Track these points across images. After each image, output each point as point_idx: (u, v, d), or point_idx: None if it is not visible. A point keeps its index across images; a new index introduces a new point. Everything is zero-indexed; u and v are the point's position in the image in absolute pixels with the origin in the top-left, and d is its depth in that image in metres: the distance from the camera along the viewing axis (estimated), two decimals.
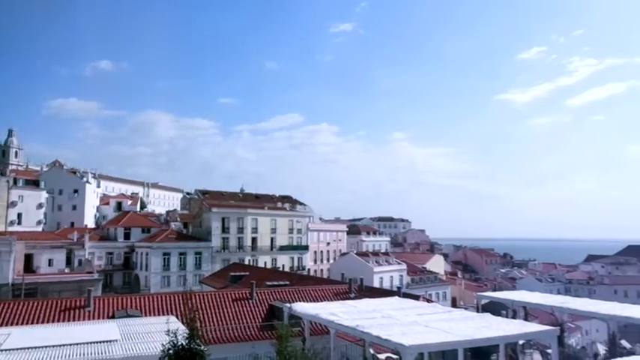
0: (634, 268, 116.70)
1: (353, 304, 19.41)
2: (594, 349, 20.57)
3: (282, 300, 27.50)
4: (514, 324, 15.30)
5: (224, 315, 27.12)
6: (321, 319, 16.61)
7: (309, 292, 31.26)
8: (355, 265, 69.28)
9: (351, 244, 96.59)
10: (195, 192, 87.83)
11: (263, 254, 76.54)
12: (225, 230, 73.89)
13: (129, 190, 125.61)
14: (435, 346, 12.55)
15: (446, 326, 14.10)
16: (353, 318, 15.60)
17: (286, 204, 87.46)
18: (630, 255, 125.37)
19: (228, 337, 25.15)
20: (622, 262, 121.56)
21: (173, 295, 27.28)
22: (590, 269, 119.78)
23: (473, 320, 15.45)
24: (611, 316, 17.68)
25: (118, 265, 71.19)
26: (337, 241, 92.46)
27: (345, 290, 32.69)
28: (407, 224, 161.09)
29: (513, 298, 22.60)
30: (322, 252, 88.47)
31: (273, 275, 45.81)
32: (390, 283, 69.74)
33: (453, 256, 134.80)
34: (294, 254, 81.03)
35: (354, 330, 14.30)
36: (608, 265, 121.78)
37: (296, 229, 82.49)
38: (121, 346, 13.64)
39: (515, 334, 13.94)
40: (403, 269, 75.99)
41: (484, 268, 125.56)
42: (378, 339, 13.10)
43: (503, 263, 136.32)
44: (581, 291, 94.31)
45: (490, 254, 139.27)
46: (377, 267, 72.40)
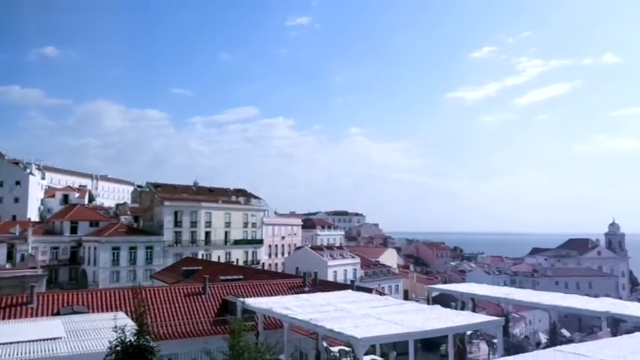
0: (574, 260, 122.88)
1: (307, 297, 19.48)
2: (537, 337, 21.53)
3: (235, 294, 27.27)
4: (462, 315, 15.79)
5: (176, 310, 26.63)
6: (274, 313, 16.59)
7: (263, 286, 31.14)
8: (310, 259, 69.52)
9: (305, 238, 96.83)
10: (147, 185, 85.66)
11: (217, 248, 75.59)
12: (178, 224, 72.48)
13: (76, 182, 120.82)
14: (387, 337, 12.79)
15: (397, 318, 14.37)
16: (306, 312, 15.66)
17: (241, 198, 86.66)
18: (571, 248, 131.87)
19: (179, 333, 24.73)
20: (563, 255, 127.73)
21: (122, 290, 26.53)
22: (535, 262, 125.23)
23: (423, 312, 15.83)
24: (552, 307, 18.54)
25: (64, 260, 68.49)
26: (292, 235, 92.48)
27: (299, 284, 32.76)
28: (361, 218, 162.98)
29: (462, 291, 23.30)
30: (277, 246, 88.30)
31: (227, 269, 45.29)
32: (344, 277, 70.42)
33: (406, 250, 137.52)
34: (249, 248, 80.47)
35: (308, 323, 14.36)
36: (550, 258, 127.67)
37: (250, 223, 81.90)
38: (65, 344, 13.14)
39: (463, 324, 14.37)
40: (357, 263, 76.88)
41: (435, 262, 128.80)
42: (331, 332, 13.21)
43: (454, 256, 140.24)
44: (526, 283, 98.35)
45: (441, 248, 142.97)
46: (331, 261, 72.92)
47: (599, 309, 16.67)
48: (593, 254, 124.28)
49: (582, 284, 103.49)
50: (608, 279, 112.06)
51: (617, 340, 11.01)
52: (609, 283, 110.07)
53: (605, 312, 16.10)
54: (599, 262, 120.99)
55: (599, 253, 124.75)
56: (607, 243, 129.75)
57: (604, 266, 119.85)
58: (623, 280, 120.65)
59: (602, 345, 10.26)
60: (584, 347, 10.03)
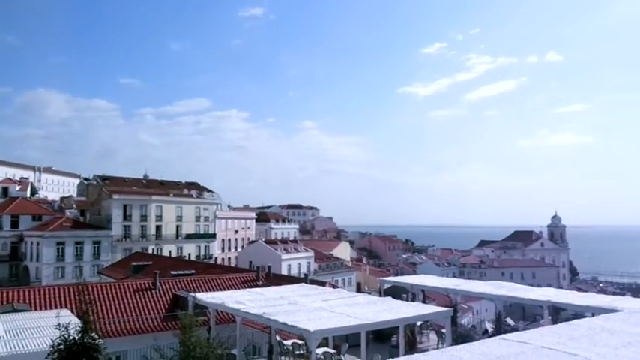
0: (519, 252, 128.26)
1: (260, 291, 19.36)
2: (483, 326, 22.28)
3: (187, 289, 26.81)
4: (413, 306, 16.13)
5: (125, 306, 25.93)
6: (227, 308, 16.39)
7: (215, 280, 30.78)
8: (263, 253, 69.23)
9: (259, 231, 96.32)
10: (94, 177, 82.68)
11: (168, 243, 74.07)
12: (127, 218, 70.44)
13: (17, 174, 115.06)
14: (339, 330, 12.88)
15: (350, 310, 14.51)
16: (259, 305, 15.56)
17: (193, 191, 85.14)
18: (516, 240, 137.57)
19: (128, 329, 24.10)
20: (509, 247, 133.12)
21: (67, 286, 25.57)
22: (482, 253, 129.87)
23: (375, 304, 16.05)
24: (497, 297, 19.23)
25: (4, 255, 65.33)
26: (246, 229, 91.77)
27: (252, 278, 32.59)
28: (315, 212, 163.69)
29: (413, 282, 23.77)
30: (230, 240, 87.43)
31: (179, 264, 44.52)
32: (298, 270, 70.59)
33: (359, 243, 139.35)
34: (201, 242, 79.29)
35: (261, 317, 14.27)
36: (497, 250, 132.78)
37: (203, 217, 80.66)
38: (4, 343, 12.49)
39: (413, 315, 14.68)
40: (311, 256, 77.21)
41: (387, 254, 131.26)
42: (284, 325, 13.19)
43: (405, 249, 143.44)
44: (474, 274, 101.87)
45: (393, 240, 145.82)
46: (285, 254, 72.90)
47: (540, 298, 17.43)
48: (536, 246, 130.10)
49: (526, 274, 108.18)
50: (550, 269, 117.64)
51: (557, 327, 11.51)
52: (551, 273, 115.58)
53: (547, 301, 16.85)
54: (542, 253, 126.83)
55: (542, 245, 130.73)
56: (549, 235, 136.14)
57: (546, 257, 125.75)
58: (564, 270, 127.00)
59: (543, 332, 10.69)
60: (526, 335, 10.42)
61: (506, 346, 9.34)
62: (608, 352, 8.86)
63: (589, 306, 15.79)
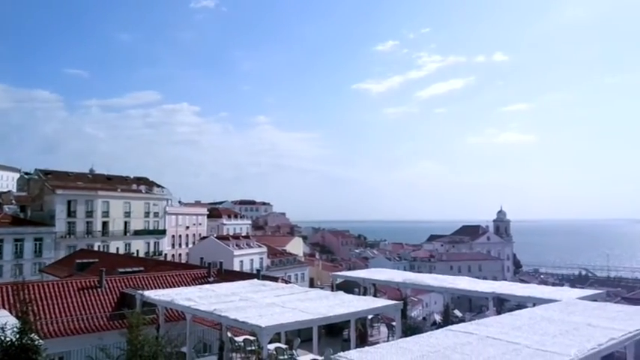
0: (466, 245, 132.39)
1: (211, 288, 19.07)
2: (432, 318, 22.87)
3: (135, 287, 26.10)
4: (364, 300, 16.34)
5: (68, 306, 24.93)
6: (176, 305, 16.04)
7: (165, 277, 30.10)
8: (215, 249, 68.25)
9: (211, 227, 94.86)
10: (36, 172, 78.88)
11: (115, 239, 71.76)
12: (72, 214, 67.70)
13: None
14: (291, 325, 12.87)
15: (302, 306, 14.52)
16: (210, 302, 15.32)
17: (142, 186, 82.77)
18: (464, 234, 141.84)
19: (72, 329, 23.19)
20: (457, 241, 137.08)
21: (4, 286, 24.25)
22: (432, 248, 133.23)
23: (327, 299, 16.14)
24: (445, 289, 19.79)
25: None
26: (197, 225, 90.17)
27: (203, 275, 32.10)
28: (268, 207, 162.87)
29: (364, 277, 24.08)
30: (181, 236, 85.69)
31: (126, 261, 43.22)
32: (251, 266, 70.08)
33: (312, 238, 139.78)
34: (150, 239, 77.30)
35: (211, 314, 14.06)
36: (446, 244, 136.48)
37: (152, 213, 78.63)
38: None
39: (364, 309, 14.86)
40: (264, 252, 76.83)
41: (340, 249, 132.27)
42: (236, 322, 13.05)
43: (358, 244, 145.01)
44: (424, 267, 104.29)
45: (346, 236, 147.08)
46: (237, 250, 72.18)
47: (486, 290, 18.07)
48: (483, 240, 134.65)
49: (473, 267, 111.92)
50: (495, 262, 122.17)
51: (501, 317, 11.97)
52: (496, 265, 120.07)
53: (491, 292, 17.48)
54: (488, 247, 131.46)
55: (488, 239, 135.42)
56: (495, 229, 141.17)
57: (492, 250, 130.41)
58: (508, 263, 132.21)
59: (488, 323, 11.09)
60: (472, 326, 10.77)
61: (453, 337, 9.63)
62: (547, 339, 9.30)
63: (530, 297, 16.50)
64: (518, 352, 8.52)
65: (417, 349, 8.76)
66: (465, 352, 8.50)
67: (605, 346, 9.19)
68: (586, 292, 18.33)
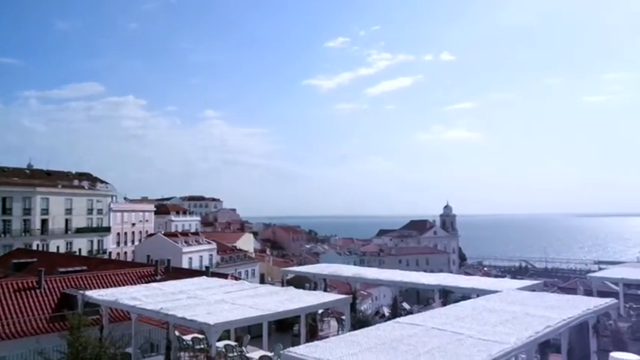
0: (415, 240, 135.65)
1: (158, 286, 18.58)
2: (381, 311, 23.26)
3: (77, 287, 25.10)
4: (314, 295, 16.41)
5: (4, 308, 23.71)
6: (121, 305, 15.52)
7: (109, 276, 29.14)
8: (163, 246, 66.63)
9: (159, 224, 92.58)
10: None
11: (56, 238, 68.68)
12: (7, 212, 64.20)
13: None
14: (240, 322, 12.74)
15: (251, 302, 14.42)
16: (157, 301, 14.93)
17: (85, 182, 79.60)
18: (412, 229, 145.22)
19: (7, 333, 22.06)
20: (405, 235, 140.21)
21: None
22: (381, 242, 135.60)
23: (277, 294, 16.10)
24: (394, 283, 20.21)
25: None
26: (144, 222, 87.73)
27: (150, 273, 31.32)
28: (218, 203, 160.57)
29: (315, 272, 24.21)
30: (127, 234, 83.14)
31: (68, 261, 41.54)
32: (200, 263, 68.92)
33: (263, 234, 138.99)
34: (94, 237, 74.56)
35: (158, 313, 13.70)
36: (395, 238, 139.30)
37: (96, 210, 75.81)
38: None
39: (314, 304, 14.93)
40: (213, 249, 75.76)
41: (291, 245, 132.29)
42: (184, 320, 12.79)
43: (309, 239, 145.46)
44: (373, 262, 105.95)
45: (297, 231, 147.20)
46: (186, 247, 70.79)
47: (432, 283, 18.60)
48: (430, 234, 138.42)
49: (421, 261, 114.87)
50: (442, 255, 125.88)
51: (446, 309, 12.34)
52: (443, 259, 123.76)
53: (437, 285, 18.01)
54: (435, 241, 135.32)
55: (435, 233, 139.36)
56: (442, 223, 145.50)
57: (439, 244, 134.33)
58: (454, 256, 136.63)
59: (433, 314, 11.41)
60: (419, 317, 11.05)
61: (399, 329, 9.84)
62: (488, 329, 9.67)
63: (474, 288, 17.11)
64: (461, 341, 8.81)
65: (365, 342, 8.89)
66: (410, 343, 8.71)
67: (542, 334, 9.66)
68: (525, 282, 19.19)
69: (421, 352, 8.16)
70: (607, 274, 22.74)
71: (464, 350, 8.28)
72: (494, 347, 8.41)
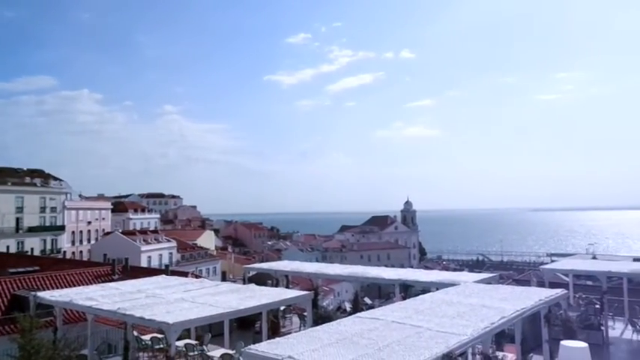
0: (376, 235, 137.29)
1: (115, 286, 18.11)
2: (343, 307, 23.43)
3: (29, 288, 24.19)
4: (276, 292, 16.37)
5: None
6: (76, 306, 15.05)
7: (63, 277, 28.22)
8: (121, 245, 65.04)
9: (116, 222, 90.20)
10: None
11: (5, 237, 65.87)
12: None
13: None
14: (201, 320, 12.59)
15: (212, 300, 14.27)
16: (114, 301, 14.56)
17: (37, 179, 76.61)
18: (374, 225, 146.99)
19: None
20: (367, 231, 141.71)
21: None
22: (343, 238, 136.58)
23: (238, 292, 15.99)
24: (355, 278, 20.41)
25: None
26: (100, 220, 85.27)
27: (107, 272, 30.54)
28: (178, 201, 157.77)
29: (277, 268, 24.15)
30: (82, 232, 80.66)
31: (19, 261, 39.98)
32: (159, 262, 67.69)
33: (224, 231, 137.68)
34: (47, 236, 71.95)
35: (115, 313, 13.37)
36: (357, 234, 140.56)
37: (49, 208, 73.15)
38: None
39: (275, 301, 14.90)
40: (173, 247, 74.50)
41: (253, 242, 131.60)
42: (142, 320, 12.52)
43: (271, 236, 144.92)
44: (335, 258, 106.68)
45: (259, 228, 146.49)
46: (145, 246, 69.33)
47: (392, 277, 18.88)
48: (391, 229, 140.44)
49: (382, 256, 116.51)
50: (402, 250, 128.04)
51: (406, 302, 12.56)
52: (404, 254, 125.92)
53: (397, 279, 18.30)
54: (396, 236, 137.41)
55: (396, 228, 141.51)
56: (402, 219, 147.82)
57: (400, 239, 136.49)
58: (414, 251, 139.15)
59: (393, 308, 11.59)
60: (379, 311, 11.20)
61: (360, 324, 9.95)
62: (446, 321, 9.91)
63: (433, 282, 17.47)
64: (420, 334, 8.99)
65: (326, 337, 8.94)
66: (371, 337, 8.82)
67: (497, 325, 9.97)
68: (482, 275, 19.74)
69: (381, 346, 8.28)
70: (558, 266, 23.66)
71: (422, 343, 8.45)
72: (452, 339, 8.62)
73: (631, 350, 16.62)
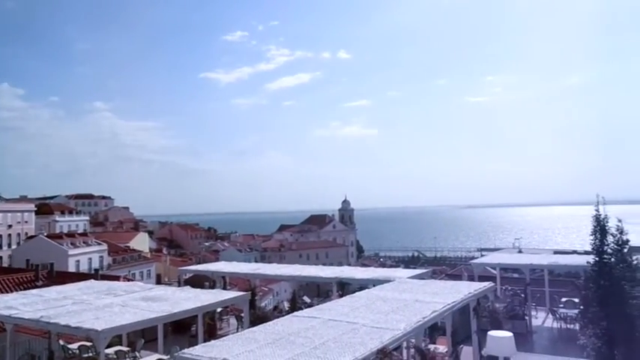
0: (314, 234, 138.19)
1: (38, 293, 17.09)
2: (280, 306, 23.40)
3: None
4: (212, 294, 16.09)
5: None
6: None
7: None
8: (46, 249, 61.42)
9: (41, 225, 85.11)
10: None
11: None
12: None
13: None
14: (132, 325, 12.13)
15: (144, 304, 13.82)
16: (36, 309, 13.72)
17: None
18: (312, 223, 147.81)
19: None
20: (306, 230, 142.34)
21: None
22: (282, 238, 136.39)
23: (173, 295, 15.59)
24: (293, 277, 20.48)
25: None
26: (22, 223, 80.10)
27: (30, 279, 28.78)
28: (109, 202, 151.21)
29: (214, 270, 23.80)
30: (2, 236, 75.43)
31: None
32: (89, 266, 64.57)
33: (159, 233, 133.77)
34: None
35: (38, 322, 12.60)
36: (295, 234, 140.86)
37: None
38: None
39: (211, 303, 14.66)
40: (104, 250, 71.38)
41: (190, 243, 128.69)
42: (68, 328, 11.88)
43: (208, 237, 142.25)
44: (274, 257, 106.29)
45: (195, 229, 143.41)
46: (73, 249, 65.93)
47: (330, 275, 19.10)
48: (329, 228, 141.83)
49: (321, 255, 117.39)
50: (341, 249, 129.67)
51: (342, 300, 12.73)
52: (341, 252, 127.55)
53: (335, 277, 18.53)
54: (335, 235, 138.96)
55: (334, 227, 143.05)
56: (340, 217, 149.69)
57: (338, 238, 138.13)
58: (352, 249, 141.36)
59: (330, 306, 11.72)
60: (316, 310, 11.30)
61: (297, 323, 9.98)
62: (381, 317, 10.14)
63: (369, 279, 17.84)
64: (356, 331, 9.14)
65: (262, 338, 8.90)
66: (307, 336, 8.86)
67: (429, 318, 10.33)
68: (416, 271, 20.40)
69: (317, 344, 8.33)
70: (486, 260, 24.86)
71: (358, 339, 8.59)
72: (386, 334, 8.83)
73: (551, 337, 17.73)
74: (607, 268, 10.40)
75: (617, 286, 10.15)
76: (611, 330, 10.06)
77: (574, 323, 17.29)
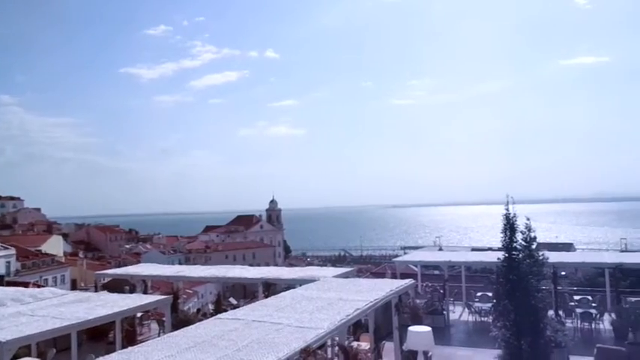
0: (241, 235, 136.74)
1: None
2: (204, 309, 22.91)
3: None
4: (131, 298, 15.45)
5: None
6: None
7: None
8: None
9: None
10: None
11: None
12: None
13: None
14: (41, 335, 11.36)
15: (56, 311, 13.02)
16: None
17: None
18: (239, 224, 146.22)
19: None
20: (232, 231, 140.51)
21: None
22: (208, 239, 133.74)
23: (88, 301, 14.79)
24: (217, 279, 20.15)
25: None
26: None
27: None
28: (18, 203, 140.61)
29: (133, 273, 22.91)
30: None
31: None
32: None
33: (75, 236, 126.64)
34: None
35: None
36: (221, 234, 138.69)
37: None
38: None
39: (130, 308, 14.07)
40: (11, 254, 66.39)
41: (109, 246, 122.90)
42: None
43: (129, 239, 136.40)
44: (199, 259, 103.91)
45: (115, 231, 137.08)
46: None
47: (255, 276, 18.98)
48: (256, 228, 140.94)
49: (248, 255, 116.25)
50: (268, 249, 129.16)
51: (267, 300, 12.70)
52: (269, 252, 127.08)
53: (260, 278, 18.44)
54: (262, 235, 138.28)
55: (261, 227, 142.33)
56: (268, 218, 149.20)
57: (265, 238, 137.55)
58: (280, 249, 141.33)
59: (255, 307, 11.64)
60: (240, 312, 11.16)
61: (221, 325, 9.80)
62: (306, 316, 10.19)
63: (295, 279, 17.91)
64: (279, 331, 9.13)
65: (184, 342, 8.66)
66: (231, 338, 8.73)
67: (352, 316, 10.52)
68: (341, 270, 20.75)
69: (240, 347, 8.23)
70: (408, 258, 25.81)
71: (282, 339, 8.58)
72: (310, 333, 8.88)
73: (467, 330, 18.71)
74: (515, 264, 11.09)
75: (524, 280, 10.85)
76: (519, 321, 10.75)
77: (487, 316, 18.35)
